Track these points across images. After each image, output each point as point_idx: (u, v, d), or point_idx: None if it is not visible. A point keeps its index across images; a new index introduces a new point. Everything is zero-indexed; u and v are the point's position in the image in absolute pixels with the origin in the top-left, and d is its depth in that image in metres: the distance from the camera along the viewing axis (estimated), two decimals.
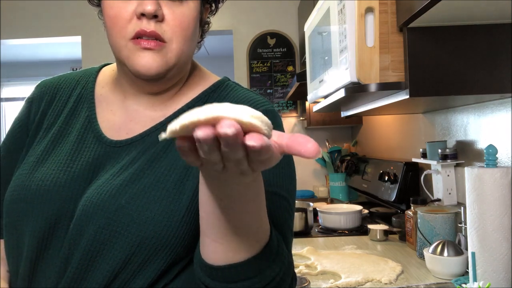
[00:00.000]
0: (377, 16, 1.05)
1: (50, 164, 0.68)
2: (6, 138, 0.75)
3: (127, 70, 0.68)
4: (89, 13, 3.28)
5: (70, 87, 0.77)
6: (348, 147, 2.96)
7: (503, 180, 0.97)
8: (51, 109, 0.75)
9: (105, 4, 0.66)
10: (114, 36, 0.66)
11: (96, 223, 0.61)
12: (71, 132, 0.71)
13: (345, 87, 1.14)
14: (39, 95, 0.77)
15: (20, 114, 0.76)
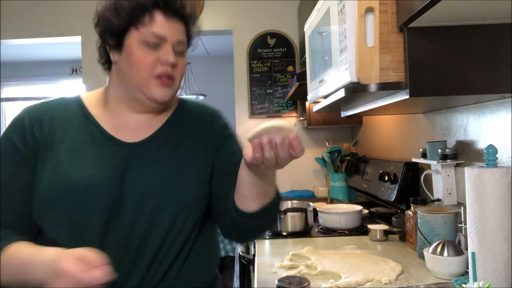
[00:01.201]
0: (377, 16, 1.05)
1: (83, 167, 0.89)
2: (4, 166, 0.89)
3: (142, 97, 0.93)
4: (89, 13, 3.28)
5: (64, 109, 0.96)
6: (348, 147, 2.96)
7: (503, 180, 0.97)
8: (56, 127, 0.92)
9: (133, 51, 0.90)
10: (139, 73, 0.91)
11: (152, 200, 0.89)
12: (85, 142, 0.92)
13: (345, 87, 1.14)
14: (35, 119, 0.93)
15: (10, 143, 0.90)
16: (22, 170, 0.89)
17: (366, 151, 2.77)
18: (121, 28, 0.91)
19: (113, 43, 0.93)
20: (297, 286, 1.10)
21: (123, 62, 0.92)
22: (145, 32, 0.90)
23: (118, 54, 0.93)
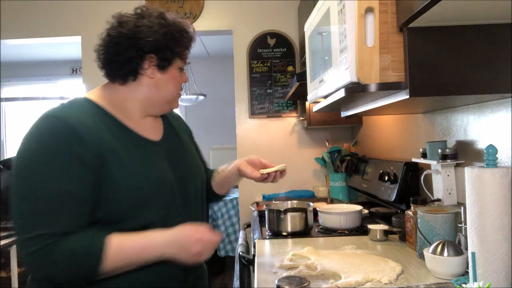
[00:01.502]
0: (377, 16, 1.05)
1: (150, 166, 1.05)
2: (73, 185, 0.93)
3: (167, 106, 1.16)
4: (89, 13, 3.30)
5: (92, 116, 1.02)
6: (348, 147, 2.96)
7: (503, 180, 0.97)
8: (98, 134, 0.98)
9: (175, 74, 1.12)
10: (174, 90, 1.14)
11: (190, 182, 1.16)
12: (128, 144, 1.04)
13: (345, 87, 1.14)
14: (77, 136, 0.94)
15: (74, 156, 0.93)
16: (88, 177, 0.94)
17: (366, 151, 2.77)
18: (175, 56, 1.10)
19: (160, 65, 1.08)
20: (297, 286, 1.10)
21: (162, 81, 1.10)
22: (183, 62, 1.14)
23: (160, 73, 1.09)
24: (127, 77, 1.08)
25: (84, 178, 0.93)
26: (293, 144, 3.31)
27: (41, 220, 0.89)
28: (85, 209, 0.94)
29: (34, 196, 0.90)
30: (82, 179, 0.93)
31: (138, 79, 1.08)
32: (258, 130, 3.32)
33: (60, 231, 0.90)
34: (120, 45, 1.04)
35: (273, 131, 3.32)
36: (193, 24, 3.30)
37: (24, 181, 0.92)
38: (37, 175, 0.91)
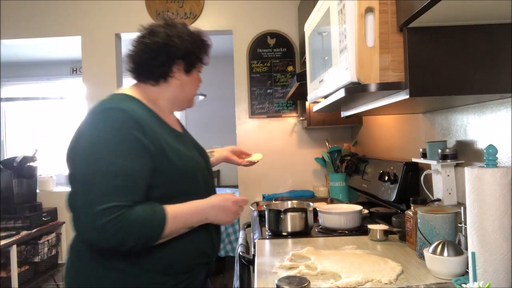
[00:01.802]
0: (377, 16, 1.05)
1: (190, 151, 1.27)
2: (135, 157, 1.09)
3: (186, 104, 1.37)
4: (89, 13, 3.31)
5: (141, 110, 1.17)
6: (348, 147, 2.95)
7: (503, 180, 0.97)
8: (150, 126, 1.14)
9: (197, 76, 1.34)
10: (195, 90, 1.36)
11: (210, 166, 1.42)
12: (172, 135, 1.24)
13: (345, 87, 1.14)
14: (139, 126, 1.10)
15: (137, 140, 1.09)
16: (147, 159, 1.10)
17: (366, 151, 2.77)
18: (198, 61, 1.30)
19: (186, 69, 1.28)
20: (297, 286, 1.10)
21: (186, 83, 1.30)
22: (202, 66, 1.35)
23: (186, 76, 1.29)
24: (159, 79, 1.26)
25: (145, 160, 1.09)
26: (293, 144, 3.31)
27: (117, 193, 1.03)
28: (145, 186, 1.10)
29: (109, 173, 1.04)
30: (145, 160, 1.09)
31: (168, 81, 1.27)
32: (258, 130, 3.32)
33: (130, 203, 1.04)
34: (154, 52, 1.23)
35: (273, 131, 3.32)
36: (193, 24, 3.31)
37: (98, 161, 1.04)
38: (110, 156, 1.05)
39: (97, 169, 1.04)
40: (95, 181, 1.03)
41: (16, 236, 2.83)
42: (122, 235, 1.02)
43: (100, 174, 1.03)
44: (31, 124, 5.22)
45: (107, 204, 1.01)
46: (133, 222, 1.03)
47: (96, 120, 1.10)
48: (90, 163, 1.05)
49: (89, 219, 1.01)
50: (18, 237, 2.83)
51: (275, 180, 3.18)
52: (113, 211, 1.01)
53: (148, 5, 3.28)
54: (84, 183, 1.05)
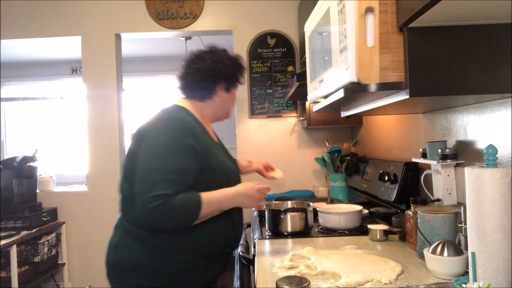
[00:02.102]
0: (377, 16, 1.05)
1: (221, 158, 1.48)
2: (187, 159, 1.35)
3: (224, 117, 1.62)
4: (89, 13, 3.31)
5: (194, 122, 1.46)
6: (348, 147, 2.95)
7: (503, 180, 0.97)
8: (200, 135, 1.42)
9: (234, 94, 1.60)
10: (230, 107, 1.61)
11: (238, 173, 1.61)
12: (211, 143, 1.48)
13: (345, 87, 1.14)
14: (193, 136, 1.39)
15: (190, 147, 1.36)
16: (195, 162, 1.36)
17: (366, 151, 2.77)
18: (236, 81, 1.57)
19: (226, 88, 1.54)
20: (297, 286, 1.10)
21: (227, 99, 1.56)
22: (238, 85, 1.60)
23: (226, 93, 1.55)
24: (204, 97, 1.52)
25: (194, 162, 1.36)
26: (293, 144, 3.31)
27: (166, 184, 1.28)
28: (191, 182, 1.35)
29: (165, 169, 1.30)
30: (194, 162, 1.36)
31: (211, 98, 1.53)
32: (258, 130, 3.32)
33: (175, 193, 1.28)
34: (202, 75, 1.49)
35: (273, 131, 3.32)
36: (193, 24, 3.31)
37: (158, 159, 1.31)
38: (168, 156, 1.32)
39: (157, 164, 1.30)
40: (152, 174, 1.29)
41: (16, 236, 2.83)
42: (166, 218, 1.27)
43: (157, 169, 1.29)
44: (31, 124, 5.22)
45: (157, 192, 1.25)
46: (175, 207, 1.26)
47: (160, 125, 1.38)
48: (152, 159, 1.31)
49: (142, 202, 1.26)
50: (18, 237, 2.83)
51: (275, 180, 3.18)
52: (160, 198, 1.25)
53: (148, 5, 3.28)
54: (144, 174, 1.30)
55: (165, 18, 3.29)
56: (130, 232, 1.40)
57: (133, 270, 1.37)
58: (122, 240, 1.41)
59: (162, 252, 1.36)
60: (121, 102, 3.40)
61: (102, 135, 3.33)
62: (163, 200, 1.25)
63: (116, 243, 1.42)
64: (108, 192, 3.30)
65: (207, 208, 1.34)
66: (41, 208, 3.23)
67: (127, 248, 1.39)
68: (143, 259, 1.36)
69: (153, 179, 1.28)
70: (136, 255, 1.37)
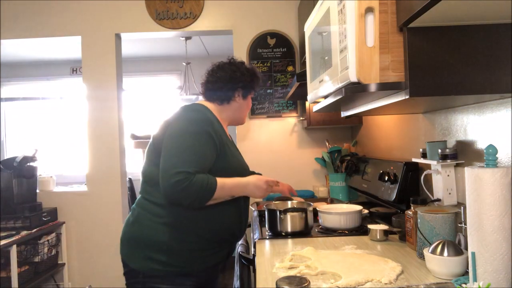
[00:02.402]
0: (377, 16, 1.05)
1: (236, 155, 1.68)
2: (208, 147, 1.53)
3: (241, 121, 1.83)
4: (89, 13, 3.31)
5: (213, 118, 1.62)
6: (348, 147, 2.95)
7: (503, 180, 0.97)
8: (219, 131, 1.59)
9: (250, 101, 1.80)
10: (245, 112, 1.80)
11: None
12: (227, 140, 1.65)
13: (345, 87, 1.13)
14: (212, 128, 1.56)
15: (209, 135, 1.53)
16: (213, 150, 1.54)
17: (366, 151, 2.77)
18: (252, 89, 1.76)
19: (243, 95, 1.73)
20: (297, 286, 1.10)
21: (243, 105, 1.75)
22: (254, 93, 1.81)
23: (242, 99, 1.74)
24: (223, 101, 1.71)
25: (213, 149, 1.53)
26: (293, 144, 3.31)
27: (189, 163, 1.44)
28: (209, 166, 1.52)
29: (188, 150, 1.47)
30: (213, 150, 1.53)
31: (229, 103, 1.72)
32: (258, 130, 3.32)
33: (195, 172, 1.44)
34: (222, 83, 1.69)
35: (273, 131, 3.32)
36: (193, 24, 3.31)
37: (183, 142, 1.48)
38: (191, 140, 1.49)
39: (181, 146, 1.47)
40: (177, 154, 1.46)
41: (16, 236, 2.83)
42: (185, 193, 1.41)
43: (181, 150, 1.46)
44: (31, 124, 5.22)
45: (180, 169, 1.42)
46: (194, 184, 1.42)
47: (184, 115, 1.56)
48: (177, 142, 1.48)
49: (166, 177, 1.42)
50: (18, 237, 2.83)
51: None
52: (183, 175, 1.41)
53: (148, 5, 3.28)
54: (169, 154, 1.47)
55: (165, 18, 3.29)
56: (148, 209, 1.56)
57: (144, 243, 1.52)
58: (139, 217, 1.57)
59: (173, 230, 1.51)
60: (121, 102, 3.40)
61: (102, 135, 3.33)
62: (185, 177, 1.41)
63: (132, 220, 1.58)
64: (108, 192, 3.30)
65: (220, 191, 1.49)
66: (41, 208, 3.23)
67: (142, 224, 1.55)
68: (155, 234, 1.51)
69: (177, 158, 1.45)
70: (149, 230, 1.53)
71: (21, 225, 2.98)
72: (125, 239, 1.59)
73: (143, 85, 5.37)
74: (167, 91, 5.34)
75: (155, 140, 1.58)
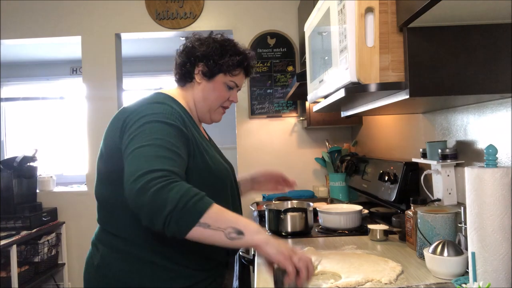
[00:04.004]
0: (377, 16, 1.05)
1: (214, 156, 1.29)
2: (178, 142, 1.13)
3: (207, 116, 1.37)
4: (89, 13, 3.31)
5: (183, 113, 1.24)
6: (348, 147, 2.95)
7: (503, 180, 0.97)
8: (190, 128, 1.22)
9: (218, 86, 1.34)
10: (215, 101, 1.35)
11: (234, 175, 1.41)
12: (199, 135, 1.27)
13: (345, 87, 1.13)
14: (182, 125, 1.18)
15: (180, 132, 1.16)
16: (184, 146, 1.15)
17: (366, 151, 2.77)
18: (218, 69, 1.30)
19: (205, 72, 1.31)
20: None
21: (207, 88, 1.33)
22: (229, 79, 1.34)
23: (205, 81, 1.32)
24: (183, 82, 1.34)
25: (184, 144, 1.15)
26: (293, 144, 3.31)
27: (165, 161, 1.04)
28: (184, 164, 1.12)
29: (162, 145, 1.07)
30: (183, 144, 1.15)
31: (191, 83, 1.34)
32: (258, 130, 3.32)
33: (174, 172, 1.03)
34: (180, 56, 1.34)
35: (273, 131, 3.32)
36: (193, 24, 3.31)
37: (153, 136, 1.09)
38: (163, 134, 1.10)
39: (152, 141, 1.08)
40: (144, 152, 1.05)
41: (16, 236, 2.83)
42: (164, 194, 0.96)
43: (153, 145, 1.07)
44: (31, 124, 5.22)
45: (155, 167, 1.01)
46: (175, 186, 0.98)
47: (149, 108, 1.17)
48: (141, 140, 1.08)
49: (132, 179, 1.00)
50: (18, 237, 2.83)
51: None
52: (158, 173, 1.00)
53: (148, 5, 3.28)
54: (133, 156, 1.06)
55: (165, 18, 3.29)
56: (114, 246, 1.17)
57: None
58: (105, 259, 1.18)
59: (157, 269, 1.14)
60: (121, 102, 3.40)
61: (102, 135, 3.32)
62: (162, 175, 0.99)
63: (98, 263, 1.19)
64: None
65: (216, 216, 1.00)
66: (41, 208, 3.23)
67: (113, 267, 1.16)
68: (134, 278, 1.14)
69: (146, 157, 1.04)
70: (124, 275, 1.14)
71: (21, 225, 2.98)
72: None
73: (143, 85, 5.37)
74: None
75: (107, 147, 1.20)
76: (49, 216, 3.22)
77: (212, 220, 0.98)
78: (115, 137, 1.17)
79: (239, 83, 1.38)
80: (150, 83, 5.38)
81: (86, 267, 1.24)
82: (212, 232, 0.98)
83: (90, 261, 1.23)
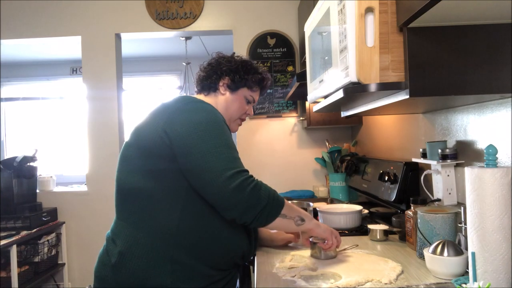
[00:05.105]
0: (377, 16, 1.05)
1: None
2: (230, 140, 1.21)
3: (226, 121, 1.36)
4: (89, 13, 3.31)
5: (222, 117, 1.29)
6: (348, 147, 2.95)
7: (503, 180, 0.97)
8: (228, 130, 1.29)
9: (240, 99, 1.46)
10: (235, 112, 1.46)
11: None
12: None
13: (345, 87, 1.13)
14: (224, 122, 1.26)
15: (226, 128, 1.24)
16: None
17: (366, 151, 2.77)
18: (243, 83, 1.45)
19: (230, 85, 1.44)
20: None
21: (230, 99, 1.45)
22: (250, 93, 1.48)
23: (229, 92, 1.45)
24: (208, 91, 1.46)
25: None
26: (293, 144, 3.31)
27: (240, 163, 1.16)
28: None
29: (228, 145, 1.17)
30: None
31: (215, 93, 1.45)
32: (258, 130, 3.32)
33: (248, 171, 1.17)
34: (207, 72, 1.46)
35: (273, 131, 3.32)
36: (193, 24, 3.31)
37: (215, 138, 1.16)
38: (222, 134, 1.19)
39: (224, 141, 1.16)
40: (224, 151, 1.14)
41: (16, 236, 2.83)
42: (258, 192, 1.12)
43: (226, 146, 1.15)
44: (31, 124, 5.22)
45: (241, 168, 1.13)
46: (261, 185, 1.14)
47: (195, 109, 1.22)
48: (207, 139, 1.14)
49: (231, 178, 1.09)
50: (18, 237, 2.83)
51: (275, 180, 3.19)
52: (243, 174, 1.12)
53: (148, 5, 3.28)
54: (216, 152, 1.12)
55: (165, 18, 3.29)
56: (135, 240, 1.17)
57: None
58: (124, 254, 1.16)
59: (177, 266, 1.15)
60: (121, 102, 3.40)
61: (102, 135, 3.33)
62: (248, 175, 1.12)
63: (115, 258, 1.17)
64: (108, 192, 3.29)
65: (288, 208, 1.22)
66: (41, 208, 3.23)
67: (131, 263, 1.15)
68: (152, 275, 1.14)
69: (227, 158, 1.13)
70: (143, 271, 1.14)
71: (21, 225, 2.98)
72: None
73: (143, 85, 5.37)
74: (167, 91, 5.34)
75: (151, 141, 1.18)
76: (49, 216, 3.22)
77: (287, 211, 1.21)
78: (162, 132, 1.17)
79: (256, 99, 1.52)
80: (150, 83, 5.38)
81: (100, 263, 1.22)
82: (287, 221, 1.22)
83: (105, 257, 1.21)
